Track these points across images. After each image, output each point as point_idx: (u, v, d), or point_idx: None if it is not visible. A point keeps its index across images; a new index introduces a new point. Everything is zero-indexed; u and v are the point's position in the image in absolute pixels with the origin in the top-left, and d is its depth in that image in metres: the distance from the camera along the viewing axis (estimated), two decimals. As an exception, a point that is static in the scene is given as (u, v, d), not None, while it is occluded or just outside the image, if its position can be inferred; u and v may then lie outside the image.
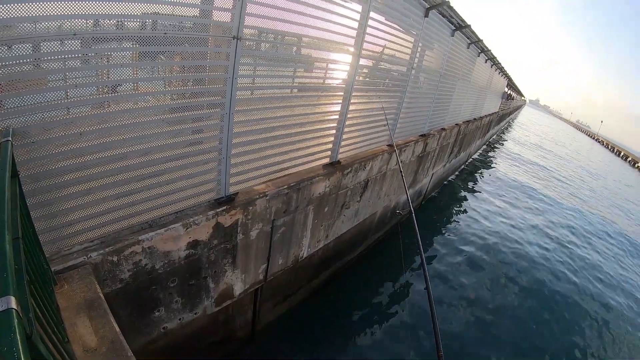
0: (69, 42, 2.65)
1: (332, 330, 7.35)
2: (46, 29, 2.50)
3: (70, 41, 2.65)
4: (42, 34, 2.46)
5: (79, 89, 2.88)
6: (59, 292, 2.85)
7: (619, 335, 9.88)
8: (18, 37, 2.37)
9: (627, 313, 11.07)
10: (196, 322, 4.82)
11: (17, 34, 2.37)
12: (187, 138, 3.84)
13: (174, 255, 3.94)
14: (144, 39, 3.06)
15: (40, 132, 2.74)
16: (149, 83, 3.81)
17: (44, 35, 2.47)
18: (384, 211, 9.84)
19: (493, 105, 28.31)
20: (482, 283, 10.48)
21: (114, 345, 2.58)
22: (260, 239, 5.21)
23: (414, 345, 7.45)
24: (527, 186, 22.97)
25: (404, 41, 7.35)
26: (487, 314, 9.03)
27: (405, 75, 7.99)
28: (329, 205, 6.57)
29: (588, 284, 11.94)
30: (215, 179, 4.21)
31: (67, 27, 2.59)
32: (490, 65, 19.30)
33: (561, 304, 10.30)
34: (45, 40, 2.51)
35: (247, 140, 4.44)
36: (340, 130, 6.07)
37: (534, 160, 35.98)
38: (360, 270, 9.40)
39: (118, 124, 3.22)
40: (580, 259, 13.78)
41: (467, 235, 13.33)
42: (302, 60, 5.79)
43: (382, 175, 8.22)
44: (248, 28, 3.83)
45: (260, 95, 4.98)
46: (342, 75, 5.89)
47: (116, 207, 3.37)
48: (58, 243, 3.11)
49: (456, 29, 10.25)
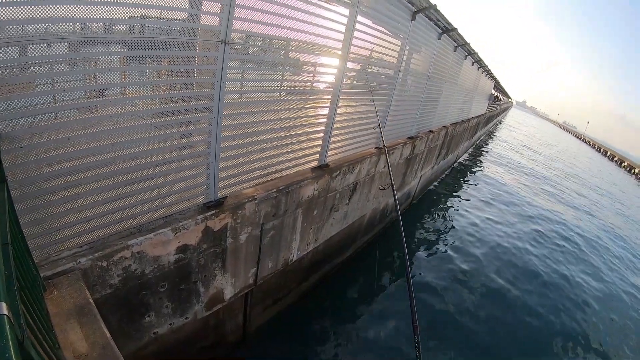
0: (57, 46, 2.65)
1: (322, 332, 7.36)
2: (34, 31, 2.49)
3: (58, 44, 2.64)
4: (29, 37, 2.45)
5: (66, 93, 2.87)
6: (49, 298, 2.83)
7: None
8: (5, 41, 2.36)
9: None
10: (187, 326, 4.80)
11: (3, 36, 2.36)
12: (175, 142, 3.83)
13: (163, 260, 3.93)
14: (132, 42, 3.06)
15: (28, 136, 2.71)
16: (138, 87, 3.81)
17: (31, 39, 2.46)
18: (372, 214, 9.88)
19: (480, 107, 28.52)
20: (465, 277, 10.68)
21: (105, 350, 2.57)
22: (250, 243, 5.20)
23: (400, 344, 7.50)
24: (513, 187, 23.15)
25: (391, 44, 7.40)
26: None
27: (392, 78, 8.03)
28: (317, 208, 6.58)
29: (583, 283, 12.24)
30: (204, 183, 4.20)
31: (54, 30, 2.57)
32: (477, 68, 19.47)
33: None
34: (32, 43, 2.50)
35: (236, 144, 4.44)
36: (329, 133, 6.09)
37: (521, 160, 36.37)
38: (349, 273, 9.41)
39: (106, 128, 3.22)
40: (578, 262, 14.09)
41: (454, 234, 13.56)
42: (290, 64, 5.81)
43: (370, 177, 8.25)
44: (236, 32, 3.84)
45: (248, 99, 4.98)
46: (329, 79, 5.92)
47: (105, 212, 3.36)
48: (47, 249, 3.09)
49: (443, 32, 10.32)
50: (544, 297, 10.75)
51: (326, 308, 8.05)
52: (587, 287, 12.22)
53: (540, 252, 13.72)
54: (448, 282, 10.21)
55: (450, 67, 12.75)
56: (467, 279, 10.65)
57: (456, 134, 18.34)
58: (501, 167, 29.52)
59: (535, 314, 9.85)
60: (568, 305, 10.71)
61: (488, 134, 49.40)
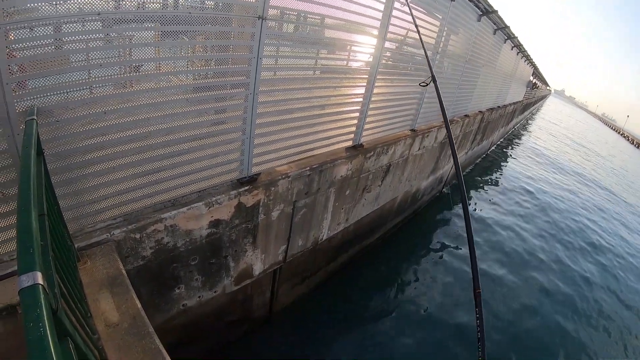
0: (91, 24, 2.65)
1: (348, 314, 7.38)
2: (67, 10, 2.49)
3: (92, 23, 2.65)
4: (64, 15, 2.46)
5: (101, 70, 2.88)
6: (82, 269, 2.88)
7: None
8: (40, 19, 2.37)
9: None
10: (215, 300, 4.86)
11: (39, 16, 2.37)
12: (210, 118, 3.82)
13: (195, 234, 3.96)
14: (167, 18, 3.03)
15: (63, 111, 2.75)
16: (173, 63, 3.79)
17: (66, 16, 2.47)
18: (404, 197, 9.78)
19: (517, 94, 27.81)
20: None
21: (135, 321, 2.60)
22: (281, 220, 5.21)
23: (435, 331, 7.47)
24: (546, 180, 22.54)
25: (430, 25, 7.21)
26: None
27: (429, 59, 7.85)
28: (350, 189, 6.53)
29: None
30: (238, 159, 4.19)
31: (87, 9, 2.57)
32: (517, 53, 18.91)
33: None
34: (67, 22, 2.51)
35: (271, 121, 4.41)
36: (364, 113, 5.99)
37: (557, 152, 35.38)
38: (378, 256, 9.38)
39: (141, 103, 3.22)
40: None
41: (488, 219, 13.45)
42: (326, 42, 5.72)
43: (404, 160, 8.15)
44: (273, 8, 3.78)
45: (283, 76, 4.92)
46: (366, 58, 5.80)
47: (139, 185, 3.38)
48: (82, 220, 3.14)
49: (483, 14, 9.99)
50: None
51: (354, 290, 8.04)
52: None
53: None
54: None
55: (488, 51, 12.37)
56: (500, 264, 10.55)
57: (492, 119, 17.94)
58: (536, 157, 28.82)
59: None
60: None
61: (525, 121, 48.38)
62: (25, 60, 2.43)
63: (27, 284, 1.04)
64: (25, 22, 2.32)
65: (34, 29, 2.38)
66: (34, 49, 2.46)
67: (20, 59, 2.40)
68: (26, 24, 2.33)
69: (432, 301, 8.35)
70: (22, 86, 2.42)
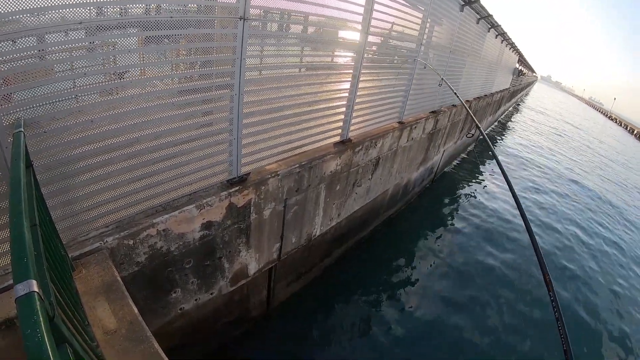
0: (74, 33, 2.65)
1: (345, 307, 7.43)
2: (50, 20, 2.49)
3: (75, 32, 2.65)
4: (46, 25, 2.46)
5: (86, 78, 2.87)
6: (78, 277, 2.89)
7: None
8: (22, 30, 2.36)
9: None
10: (212, 302, 4.88)
11: (21, 27, 2.36)
12: (197, 120, 3.83)
13: (188, 236, 3.98)
14: (150, 23, 3.04)
15: (50, 121, 2.74)
16: (157, 68, 3.79)
17: (48, 26, 2.47)
18: (395, 189, 9.84)
19: (504, 82, 27.95)
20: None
21: (133, 326, 2.62)
22: (273, 218, 5.23)
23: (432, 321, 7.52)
24: (537, 163, 22.78)
25: (413, 17, 7.23)
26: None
27: (414, 51, 7.89)
28: (340, 184, 6.57)
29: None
30: (227, 159, 4.20)
31: (70, 17, 2.57)
32: (501, 41, 18.99)
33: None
34: (49, 32, 2.51)
35: (258, 121, 4.42)
36: (351, 108, 6.02)
37: (545, 138, 35.60)
38: (372, 248, 9.42)
39: (127, 109, 3.22)
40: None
41: (479, 208, 13.51)
42: (309, 39, 5.73)
43: (393, 152, 8.19)
44: (254, 8, 3.79)
45: (268, 75, 4.93)
46: (350, 53, 5.83)
47: (130, 191, 3.39)
48: (74, 230, 3.14)
49: (465, 4, 10.01)
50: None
51: (349, 283, 8.08)
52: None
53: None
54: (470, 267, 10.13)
55: (472, 40, 12.45)
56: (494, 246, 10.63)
57: (479, 108, 18.03)
58: (526, 142, 29.14)
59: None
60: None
61: (513, 108, 48.51)
62: (9, 73, 2.43)
63: (22, 292, 1.06)
64: (7, 34, 2.32)
65: (17, 40, 2.38)
66: (18, 61, 2.46)
67: (3, 72, 2.40)
68: (8, 37, 2.33)
69: (429, 290, 8.41)
70: (8, 99, 2.42)
